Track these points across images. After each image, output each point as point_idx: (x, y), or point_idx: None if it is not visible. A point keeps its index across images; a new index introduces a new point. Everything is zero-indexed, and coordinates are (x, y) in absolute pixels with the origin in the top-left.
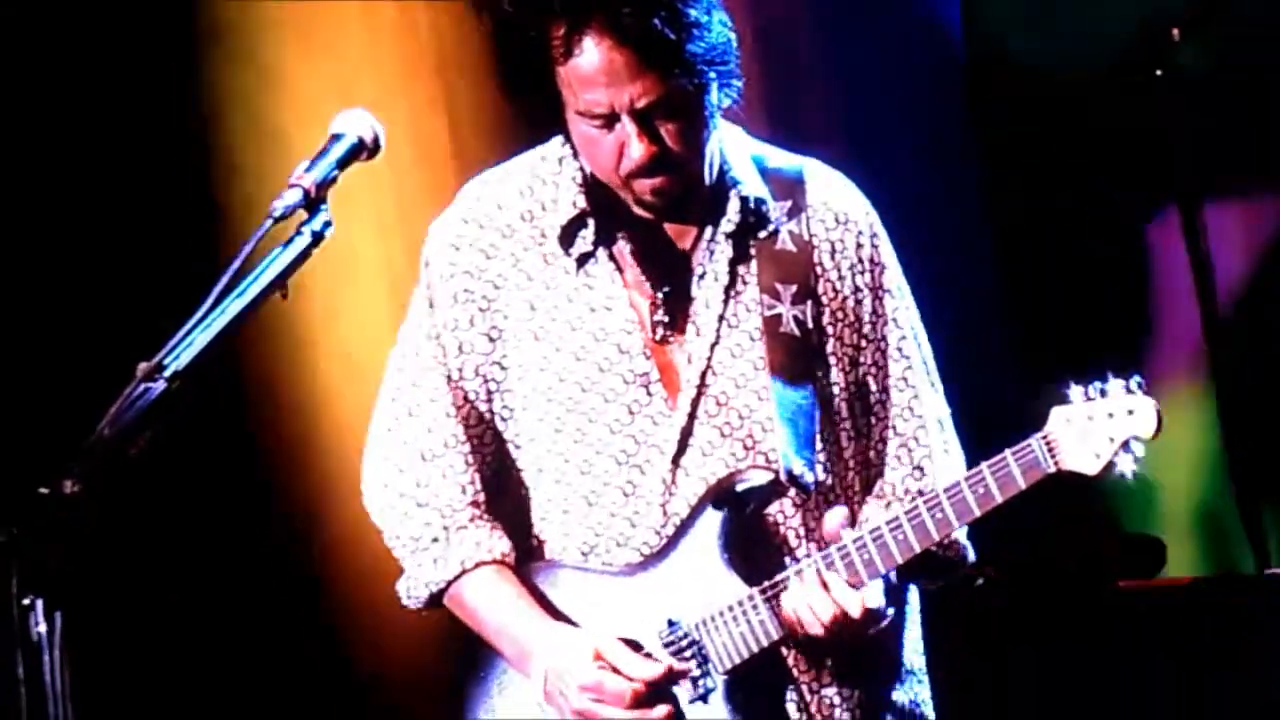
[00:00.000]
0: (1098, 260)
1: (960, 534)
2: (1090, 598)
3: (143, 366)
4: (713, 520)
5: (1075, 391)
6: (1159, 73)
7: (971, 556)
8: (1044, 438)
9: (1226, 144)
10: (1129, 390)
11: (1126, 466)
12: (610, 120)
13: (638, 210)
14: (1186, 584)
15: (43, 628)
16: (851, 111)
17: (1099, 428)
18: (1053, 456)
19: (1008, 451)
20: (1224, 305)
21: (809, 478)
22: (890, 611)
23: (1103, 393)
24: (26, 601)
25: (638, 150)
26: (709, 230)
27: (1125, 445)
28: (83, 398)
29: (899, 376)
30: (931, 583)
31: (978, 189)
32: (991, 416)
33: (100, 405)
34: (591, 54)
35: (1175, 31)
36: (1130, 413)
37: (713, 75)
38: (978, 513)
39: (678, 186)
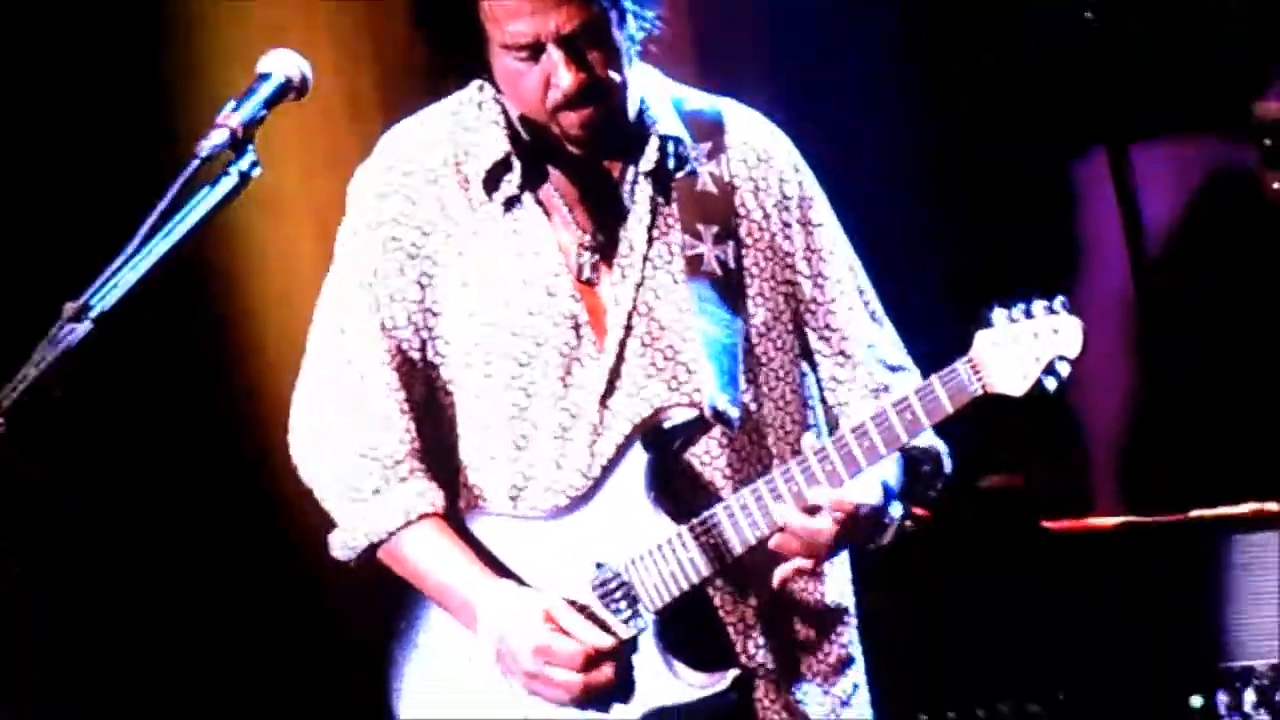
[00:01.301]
0: (1028, 198)
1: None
2: (1018, 539)
3: (69, 307)
4: (639, 460)
5: (999, 314)
6: (1088, 14)
7: (947, 465)
8: (969, 361)
9: (1154, 85)
10: (1052, 310)
11: (1052, 386)
12: (535, 51)
13: (566, 146)
14: (1113, 526)
15: None
16: (786, 51)
17: (1024, 348)
18: (979, 378)
19: (934, 376)
20: (1151, 246)
21: (734, 414)
22: (896, 513)
23: (1027, 314)
24: None
25: (566, 78)
26: (630, 171)
27: (1051, 365)
28: (7, 337)
29: (845, 306)
30: (923, 496)
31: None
32: (924, 350)
33: (26, 344)
34: None
35: None
36: (1055, 332)
37: (630, 2)
38: (906, 440)
39: (604, 117)
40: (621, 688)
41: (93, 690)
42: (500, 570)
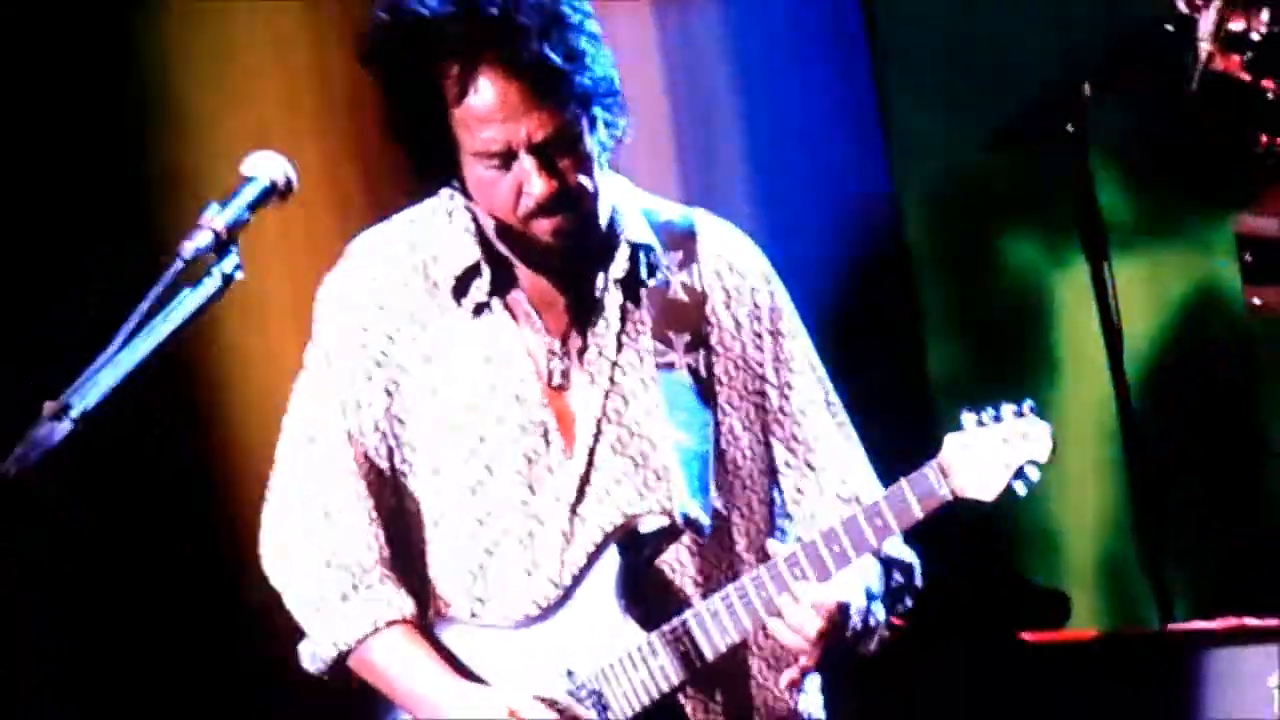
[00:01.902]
0: (1009, 311)
1: (904, 552)
2: (995, 649)
3: (49, 406)
4: (609, 567)
5: (968, 418)
6: (1070, 128)
7: (919, 579)
8: (938, 465)
9: (1136, 201)
10: (1021, 414)
11: (1022, 491)
12: (507, 159)
13: (538, 252)
14: (1091, 637)
15: None
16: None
17: (993, 453)
18: (948, 483)
19: (903, 480)
20: (1131, 362)
21: (704, 520)
22: (880, 616)
23: (996, 418)
24: None
25: (538, 186)
26: (601, 278)
27: (1020, 470)
28: None
29: (812, 418)
30: (893, 608)
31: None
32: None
33: (4, 444)
34: (486, 91)
35: (1087, 87)
36: (1024, 436)
37: (601, 109)
38: (875, 545)
39: (576, 224)
40: None
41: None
42: (472, 679)
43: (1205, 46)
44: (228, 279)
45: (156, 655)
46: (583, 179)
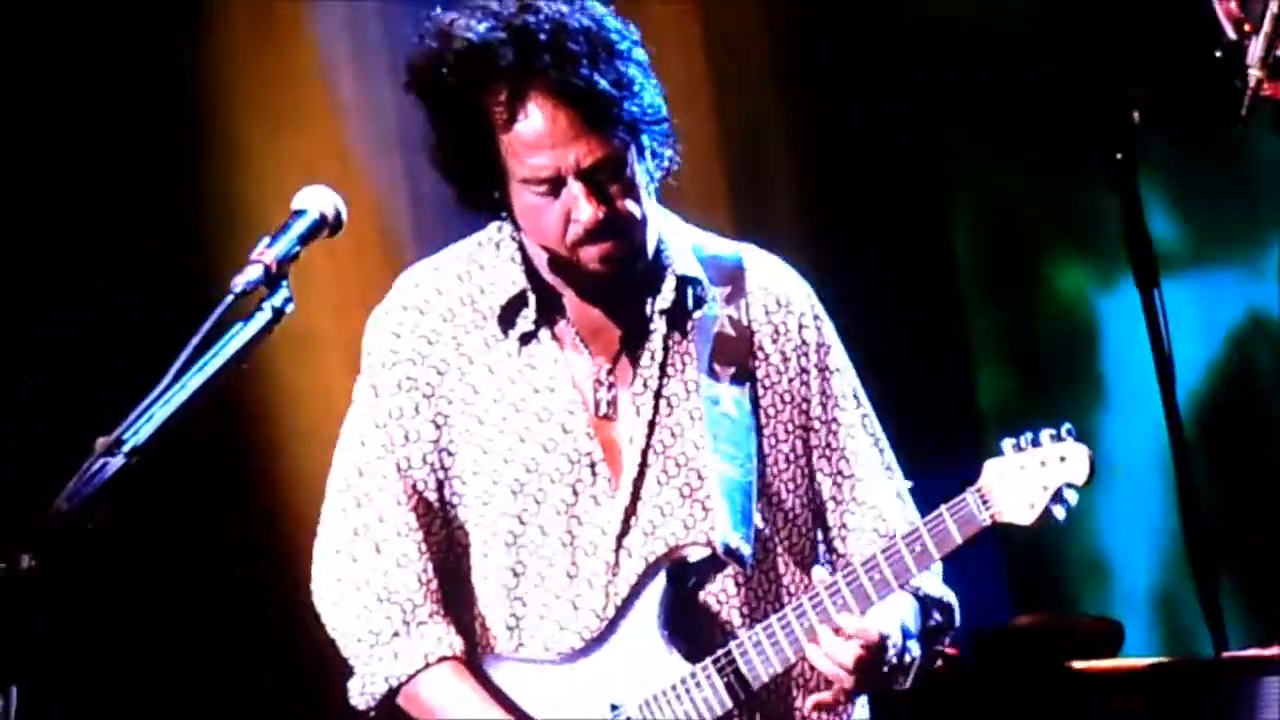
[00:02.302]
0: (1058, 339)
1: (944, 591)
2: (1048, 679)
3: (101, 441)
4: (653, 599)
5: (1007, 444)
6: (1119, 156)
7: (957, 619)
8: (978, 490)
9: (1186, 228)
10: (1059, 438)
11: (1061, 514)
12: (556, 186)
13: (585, 281)
14: (1144, 667)
15: None
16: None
17: (1032, 477)
18: (987, 508)
19: (943, 506)
20: (1183, 389)
21: (746, 551)
22: (915, 653)
23: (1034, 442)
24: None
25: (586, 213)
26: (647, 309)
27: (1059, 493)
28: (41, 471)
29: (858, 453)
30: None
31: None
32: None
33: (59, 479)
34: (535, 117)
35: (1135, 115)
36: (1062, 459)
37: (649, 137)
38: (916, 572)
39: (624, 252)
40: None
41: None
42: (518, 715)
43: (1255, 73)
44: (278, 313)
45: (213, 690)
46: (630, 206)
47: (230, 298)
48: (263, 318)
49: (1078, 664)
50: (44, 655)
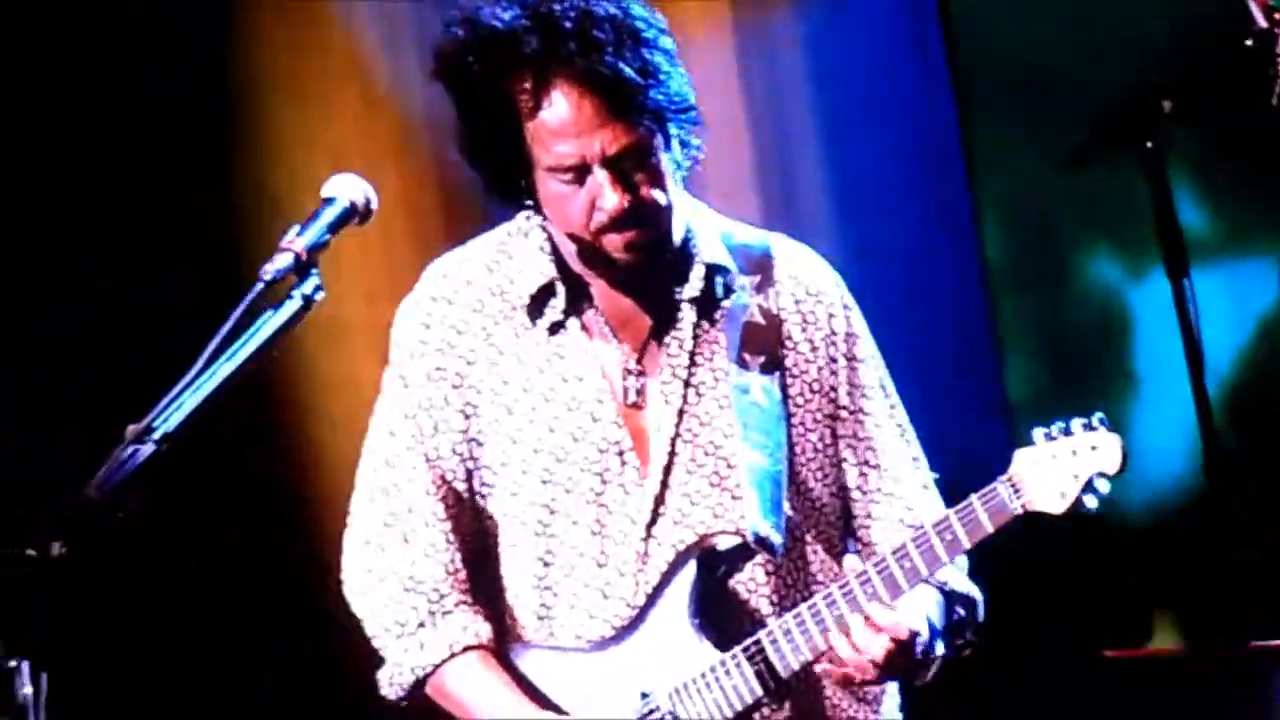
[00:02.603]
0: (1088, 328)
1: (970, 588)
2: (1079, 666)
3: (131, 428)
4: (682, 587)
5: (1038, 433)
6: (1149, 145)
7: (981, 614)
8: (1009, 479)
9: (1216, 216)
10: (1090, 427)
11: (1093, 504)
12: (581, 174)
13: (612, 269)
14: (1174, 654)
15: (28, 690)
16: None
17: (1063, 466)
18: (1019, 497)
19: (974, 496)
20: (1212, 378)
21: (776, 539)
22: (939, 650)
23: (1066, 431)
24: (12, 664)
25: (610, 200)
26: (675, 298)
27: (1090, 483)
28: (73, 458)
29: (885, 444)
30: (952, 644)
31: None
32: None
33: (90, 466)
34: (561, 104)
35: (1166, 104)
36: (1094, 449)
37: (675, 124)
38: (946, 560)
39: (649, 240)
40: None
41: None
42: (546, 704)
43: None
44: (308, 301)
45: (244, 678)
46: (656, 194)
47: (260, 286)
48: (292, 305)
49: (1109, 652)
50: (74, 642)
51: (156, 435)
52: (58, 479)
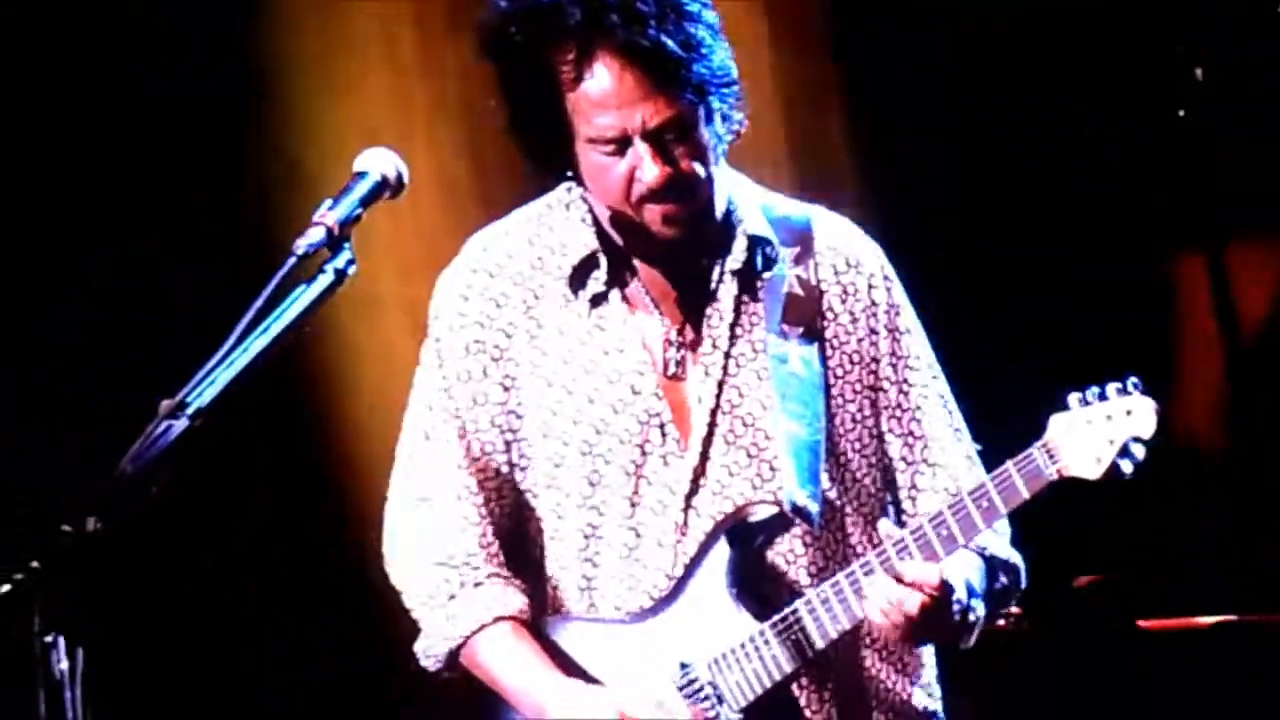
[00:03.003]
0: (1122, 298)
1: (1011, 554)
2: (1115, 637)
3: (165, 404)
4: (720, 558)
5: (1073, 398)
6: (1181, 113)
7: (1023, 581)
8: (1044, 445)
9: (1250, 185)
10: (1125, 391)
11: (1128, 469)
12: (622, 145)
13: (653, 241)
14: (1210, 625)
15: (65, 665)
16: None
17: (1098, 431)
18: (1054, 463)
19: (1009, 462)
20: (1248, 347)
21: (814, 509)
22: (979, 612)
23: (1101, 396)
24: (49, 639)
25: (651, 173)
26: (717, 269)
27: (1125, 447)
28: (107, 433)
29: (930, 414)
30: (994, 610)
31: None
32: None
33: (124, 442)
34: (603, 76)
35: (1198, 72)
36: (1129, 413)
37: (718, 98)
38: (983, 527)
39: (690, 212)
40: None
41: None
42: (584, 676)
43: None
44: (341, 275)
45: (277, 651)
46: (697, 167)
47: (293, 260)
48: (325, 280)
49: (1143, 623)
50: (110, 617)
51: (190, 410)
52: (91, 455)
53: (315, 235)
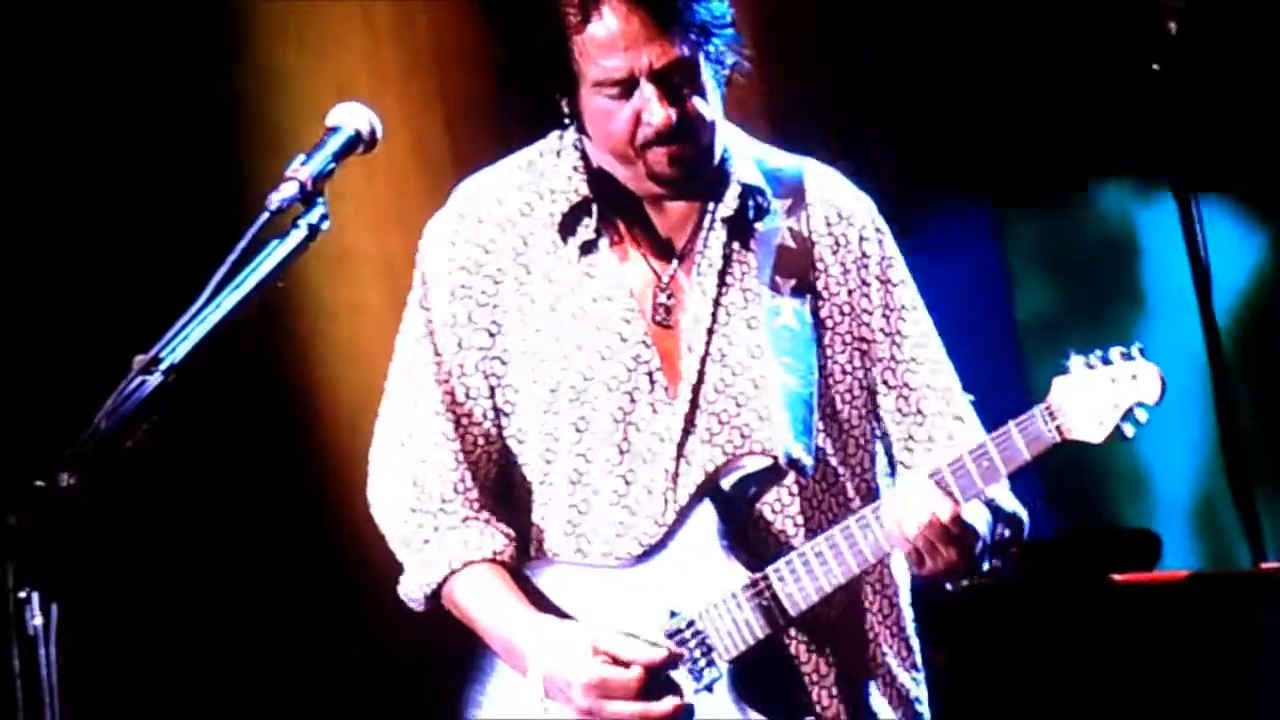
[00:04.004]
0: (1094, 249)
1: (1016, 507)
2: (1086, 592)
3: (138, 359)
4: (712, 508)
5: (1075, 361)
6: (1155, 66)
7: (1024, 533)
8: (1046, 408)
9: (1223, 138)
10: (1129, 356)
11: (1131, 433)
12: (627, 88)
13: (651, 186)
14: (1182, 578)
15: (39, 621)
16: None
17: (1102, 395)
18: (1056, 425)
19: (1010, 423)
20: (1220, 298)
21: (807, 461)
22: (984, 565)
23: (1104, 360)
24: (23, 594)
25: (658, 115)
26: (708, 218)
27: (1129, 412)
28: (79, 389)
29: (924, 365)
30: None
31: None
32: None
33: (97, 397)
34: (610, 18)
35: (1172, 25)
36: (1134, 378)
37: (721, 39)
38: (981, 488)
39: (692, 155)
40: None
41: (90, 685)
42: (567, 618)
43: None
44: (314, 230)
45: (251, 607)
46: (701, 109)
47: (266, 215)
48: (298, 235)
49: (1116, 576)
50: (84, 573)
51: (163, 366)
52: (65, 411)
53: (288, 190)
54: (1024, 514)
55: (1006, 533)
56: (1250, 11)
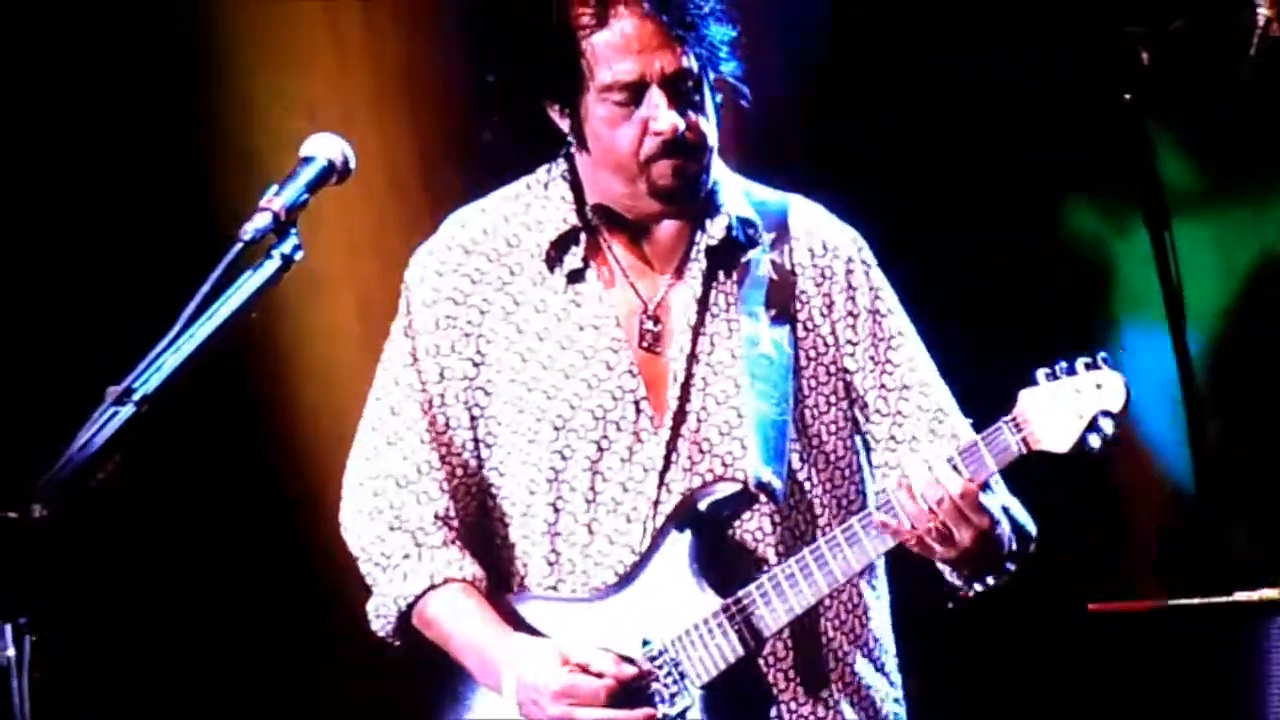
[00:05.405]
0: (1067, 277)
1: (1024, 517)
2: (1060, 620)
3: (111, 390)
4: (683, 535)
5: (1041, 373)
6: (1127, 96)
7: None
8: (1012, 420)
9: (1196, 168)
10: (1094, 366)
11: (1097, 443)
12: (635, 94)
13: (651, 203)
14: (1156, 608)
15: (11, 652)
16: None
17: (1067, 405)
18: (1022, 437)
19: (977, 436)
20: (1194, 327)
21: (777, 485)
22: (1003, 530)
23: (1069, 370)
24: None
25: (666, 121)
26: (695, 247)
27: (1094, 421)
28: (50, 419)
29: (915, 393)
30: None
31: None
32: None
33: (68, 428)
34: (625, 21)
35: (1145, 55)
36: (1098, 387)
37: (724, 68)
38: None
39: (694, 170)
40: None
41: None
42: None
43: (1263, 12)
44: (287, 260)
45: (225, 636)
46: (704, 125)
47: (239, 245)
48: (271, 265)
49: (1091, 606)
50: (57, 605)
51: (136, 396)
52: (36, 441)
53: (261, 221)
54: (1033, 531)
55: (1015, 547)
56: (1221, 42)
